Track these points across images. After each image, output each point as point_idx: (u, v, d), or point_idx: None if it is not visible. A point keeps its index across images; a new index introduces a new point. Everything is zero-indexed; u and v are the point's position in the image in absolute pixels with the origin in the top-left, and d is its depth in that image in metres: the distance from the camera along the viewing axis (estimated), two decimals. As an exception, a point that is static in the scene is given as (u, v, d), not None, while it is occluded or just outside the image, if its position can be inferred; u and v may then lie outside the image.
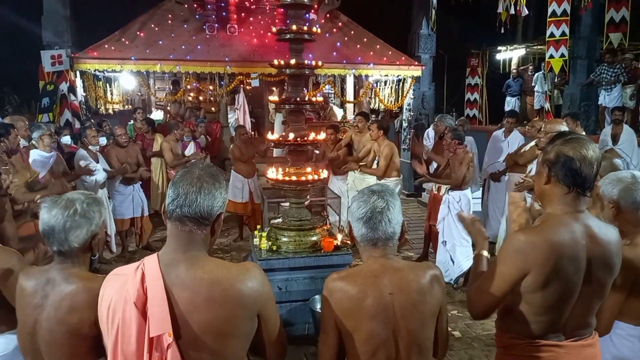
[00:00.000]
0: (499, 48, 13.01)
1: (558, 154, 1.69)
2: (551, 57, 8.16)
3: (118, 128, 6.01)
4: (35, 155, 4.64)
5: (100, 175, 5.34)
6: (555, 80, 10.82)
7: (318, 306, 3.67)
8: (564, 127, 4.21)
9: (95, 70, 8.58)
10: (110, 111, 9.98)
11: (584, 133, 5.00)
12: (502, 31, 9.16)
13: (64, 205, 1.68)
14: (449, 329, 4.22)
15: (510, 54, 13.00)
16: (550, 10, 8.06)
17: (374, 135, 5.83)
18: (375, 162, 5.98)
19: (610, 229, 1.79)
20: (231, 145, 7.07)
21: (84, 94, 8.75)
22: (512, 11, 8.21)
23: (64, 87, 8.17)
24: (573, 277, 1.68)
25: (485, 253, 1.95)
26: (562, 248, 1.65)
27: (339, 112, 11.47)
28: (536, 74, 11.19)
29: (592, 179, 1.69)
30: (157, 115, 11.00)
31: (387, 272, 1.63)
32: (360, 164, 6.01)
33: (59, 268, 1.70)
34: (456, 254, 4.97)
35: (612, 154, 3.73)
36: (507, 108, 11.35)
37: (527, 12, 8.47)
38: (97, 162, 5.43)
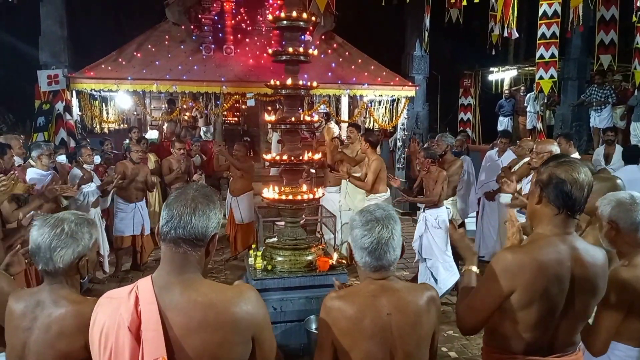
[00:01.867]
0: (491, 69, 13.22)
1: (551, 175, 1.72)
2: (541, 78, 8.29)
3: (133, 144, 6.03)
4: (32, 173, 4.63)
5: (92, 195, 5.32)
6: (546, 101, 10.98)
7: (313, 326, 3.64)
8: (555, 147, 4.26)
9: (91, 90, 8.62)
10: (106, 130, 9.99)
11: (577, 153, 5.05)
12: (494, 53, 9.32)
13: (52, 224, 1.65)
14: (445, 349, 4.19)
15: (503, 75, 13.20)
16: (539, 33, 8.22)
17: (362, 148, 5.87)
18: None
19: (597, 251, 1.81)
20: None
21: (80, 113, 8.77)
22: (505, 34, 8.35)
23: (59, 106, 8.19)
24: (556, 297, 1.70)
25: (474, 269, 1.97)
26: (548, 268, 1.67)
27: (335, 130, 11.54)
28: (528, 95, 11.34)
29: (583, 202, 1.71)
30: (152, 134, 11.04)
31: (385, 293, 1.63)
32: (353, 174, 5.99)
33: (48, 289, 1.67)
34: (439, 271, 4.94)
35: (604, 173, 3.76)
36: (499, 128, 11.46)
37: (517, 35, 8.62)
38: (91, 181, 5.41)
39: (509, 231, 1.99)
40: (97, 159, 6.65)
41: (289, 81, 4.10)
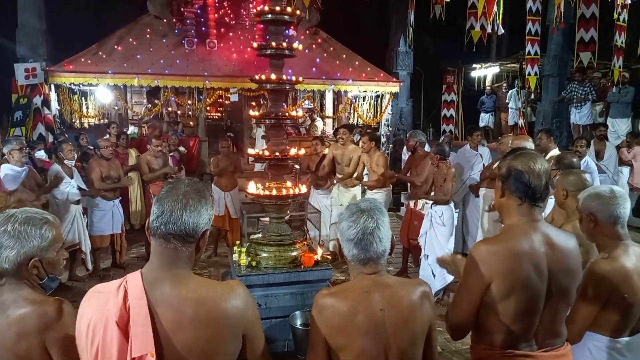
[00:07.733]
0: (474, 65, 13.32)
1: (509, 168, 1.79)
2: (529, 74, 8.40)
3: (102, 140, 5.89)
4: (6, 169, 4.53)
5: (72, 191, 5.22)
6: (532, 96, 11.11)
7: (298, 322, 3.63)
8: (529, 144, 4.40)
9: (70, 84, 8.46)
10: (86, 125, 9.81)
11: (556, 148, 5.11)
12: (474, 49, 9.38)
13: (1, 221, 1.58)
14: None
15: (485, 72, 13.32)
16: (527, 29, 8.33)
17: (366, 147, 5.88)
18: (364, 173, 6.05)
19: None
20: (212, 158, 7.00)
21: (59, 108, 8.59)
22: (489, 30, 8.41)
23: (37, 100, 8.02)
24: (537, 285, 1.72)
25: None
26: (522, 256, 1.71)
27: (320, 127, 11.54)
28: (510, 91, 11.46)
29: (542, 189, 1.77)
30: (132, 130, 10.88)
31: (378, 288, 1.62)
32: (369, 182, 5.95)
33: (7, 290, 1.59)
34: (437, 267, 4.98)
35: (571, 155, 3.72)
36: (481, 124, 11.58)
37: (503, 31, 8.70)
38: (72, 178, 5.30)
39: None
40: (42, 154, 6.52)
41: (273, 76, 4.06)
